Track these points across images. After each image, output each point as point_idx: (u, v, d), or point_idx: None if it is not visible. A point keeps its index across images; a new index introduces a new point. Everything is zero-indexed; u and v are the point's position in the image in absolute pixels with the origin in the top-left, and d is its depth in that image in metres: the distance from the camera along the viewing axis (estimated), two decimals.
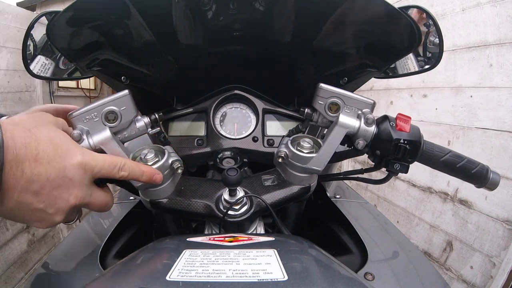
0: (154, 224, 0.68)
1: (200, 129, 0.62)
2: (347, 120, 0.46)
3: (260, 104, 0.62)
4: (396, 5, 0.49)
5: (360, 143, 0.46)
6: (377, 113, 0.45)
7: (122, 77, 0.56)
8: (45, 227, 0.34)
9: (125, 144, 0.46)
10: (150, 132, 0.50)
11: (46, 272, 0.50)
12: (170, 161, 0.43)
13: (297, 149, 0.46)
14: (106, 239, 0.57)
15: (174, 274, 0.22)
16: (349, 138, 0.48)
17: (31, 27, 0.53)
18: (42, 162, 0.30)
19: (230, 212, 0.43)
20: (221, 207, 0.44)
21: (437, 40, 0.57)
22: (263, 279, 0.21)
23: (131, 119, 0.46)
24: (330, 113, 0.49)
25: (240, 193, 0.44)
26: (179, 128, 0.63)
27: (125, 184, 0.53)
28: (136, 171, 0.38)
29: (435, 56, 0.58)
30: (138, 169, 0.38)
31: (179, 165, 0.44)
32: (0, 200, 0.29)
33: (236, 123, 0.62)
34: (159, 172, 0.41)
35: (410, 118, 0.47)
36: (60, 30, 0.48)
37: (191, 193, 0.46)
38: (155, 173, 0.40)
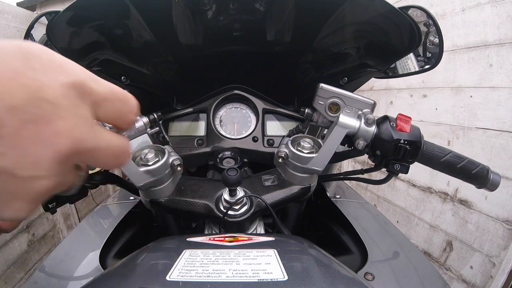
0: (154, 224, 0.68)
1: (200, 129, 0.62)
2: (348, 120, 0.46)
3: (260, 104, 0.62)
4: (396, 5, 0.49)
5: (360, 144, 0.46)
6: (377, 113, 0.45)
7: (122, 77, 0.56)
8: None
9: None
10: (149, 132, 0.50)
11: (46, 272, 0.50)
12: (170, 160, 0.43)
13: (297, 149, 0.46)
14: (106, 239, 0.57)
15: (174, 274, 0.22)
16: (349, 138, 0.48)
17: (31, 27, 0.53)
18: None
19: (230, 212, 0.43)
20: (221, 207, 0.44)
21: (437, 40, 0.57)
22: (263, 279, 0.21)
23: None
24: (330, 113, 0.49)
25: (240, 193, 0.44)
26: (179, 128, 0.63)
27: (125, 184, 0.53)
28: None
29: (435, 56, 0.58)
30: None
31: (179, 162, 0.44)
32: None
33: (236, 123, 0.62)
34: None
35: (410, 118, 0.47)
36: (60, 30, 0.48)
37: (191, 193, 0.46)
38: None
